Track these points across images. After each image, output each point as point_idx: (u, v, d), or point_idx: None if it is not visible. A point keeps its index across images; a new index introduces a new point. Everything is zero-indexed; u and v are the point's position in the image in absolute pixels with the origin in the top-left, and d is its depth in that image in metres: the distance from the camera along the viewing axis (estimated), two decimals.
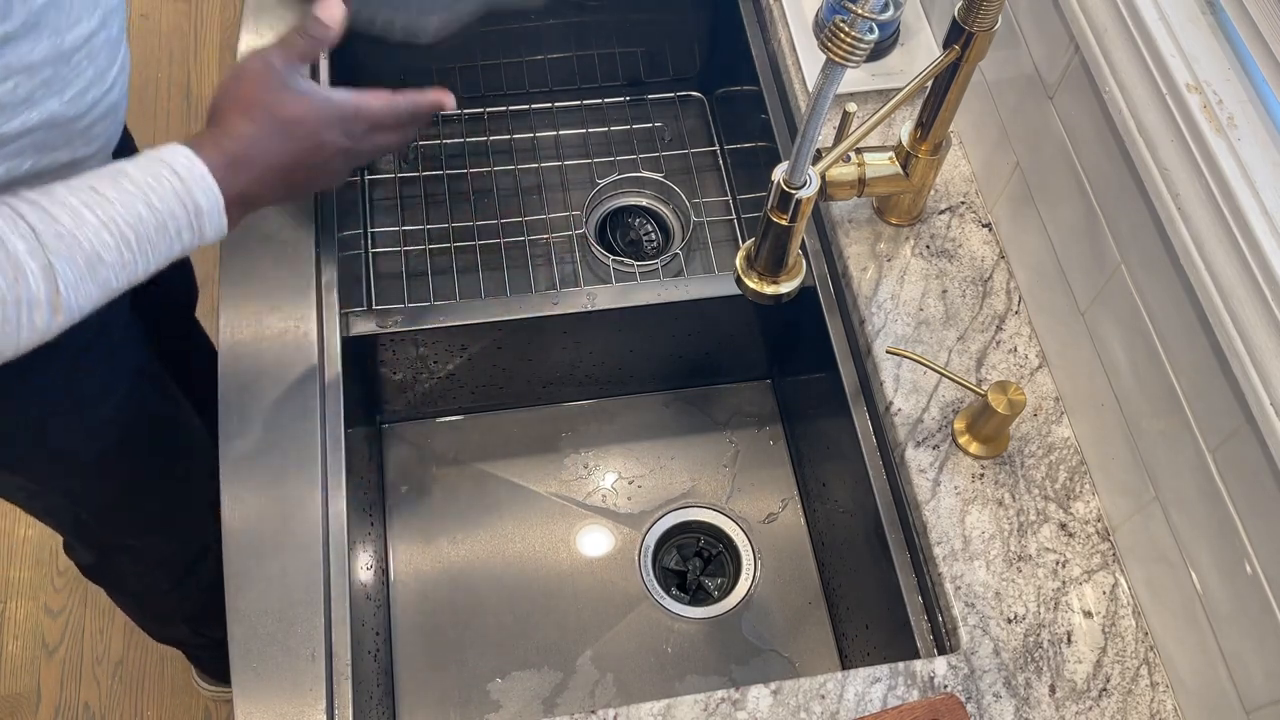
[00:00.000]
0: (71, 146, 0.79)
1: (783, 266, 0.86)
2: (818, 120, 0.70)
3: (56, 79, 0.74)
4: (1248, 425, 0.72)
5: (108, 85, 0.80)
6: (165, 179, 0.71)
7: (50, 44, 0.72)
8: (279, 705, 0.81)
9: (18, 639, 1.68)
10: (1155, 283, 0.81)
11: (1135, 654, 0.87)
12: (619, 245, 1.35)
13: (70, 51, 0.75)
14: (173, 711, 1.64)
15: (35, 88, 0.73)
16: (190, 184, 0.72)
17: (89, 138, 0.81)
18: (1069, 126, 0.91)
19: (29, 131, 0.74)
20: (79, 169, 0.80)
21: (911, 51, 1.17)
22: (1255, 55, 0.74)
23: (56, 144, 0.77)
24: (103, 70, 0.79)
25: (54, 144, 0.77)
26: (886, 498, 0.98)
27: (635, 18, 1.38)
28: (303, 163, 0.80)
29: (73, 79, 0.76)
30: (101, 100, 0.80)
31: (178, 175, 0.72)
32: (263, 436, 0.92)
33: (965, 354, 0.99)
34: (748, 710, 0.84)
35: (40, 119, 0.74)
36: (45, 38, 0.72)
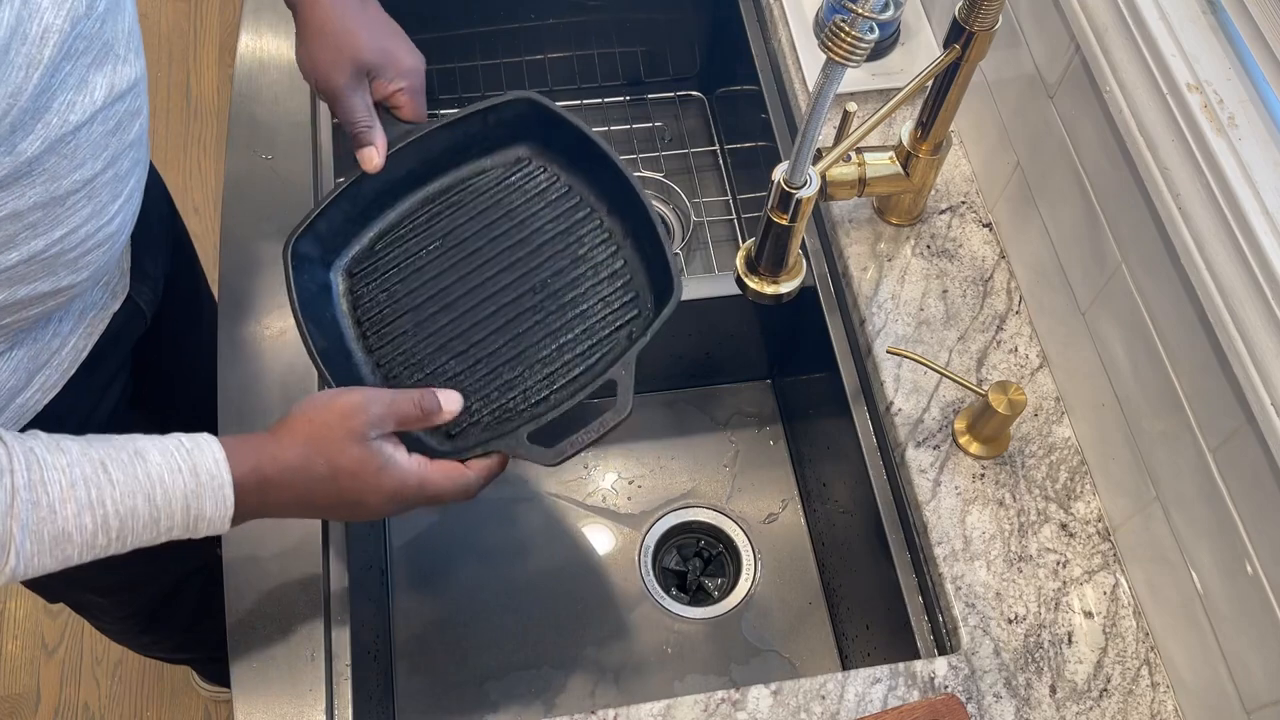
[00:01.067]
0: (56, 277, 0.74)
1: (783, 266, 0.86)
2: (818, 120, 0.70)
3: (45, 221, 0.69)
4: (1248, 425, 0.72)
5: (107, 219, 0.75)
6: (180, 477, 0.67)
7: (43, 190, 0.67)
8: (279, 706, 0.81)
9: (17, 639, 1.68)
10: (1156, 283, 0.81)
11: (1136, 654, 0.87)
12: None
13: (66, 195, 0.69)
14: (172, 712, 1.64)
15: (19, 230, 0.67)
16: (204, 492, 0.67)
17: (77, 267, 0.75)
18: (1069, 126, 0.91)
19: (6, 269, 0.69)
20: (64, 295, 0.76)
21: (912, 51, 1.17)
22: (1256, 55, 0.74)
23: (37, 276, 0.72)
24: (103, 206, 0.74)
25: (34, 276, 0.71)
26: (887, 498, 0.98)
27: (635, 18, 1.38)
28: (335, 508, 0.75)
29: (66, 218, 0.71)
30: (97, 233, 0.75)
31: (196, 477, 0.67)
32: None
33: (966, 354, 0.99)
34: (748, 710, 0.84)
35: (20, 258, 0.69)
36: (38, 185, 0.66)
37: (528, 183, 0.92)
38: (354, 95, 0.85)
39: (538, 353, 0.87)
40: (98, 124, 0.69)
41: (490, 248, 0.90)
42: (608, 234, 0.90)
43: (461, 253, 0.90)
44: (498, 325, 0.87)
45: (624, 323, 0.88)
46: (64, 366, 0.85)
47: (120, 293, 0.90)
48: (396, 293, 0.88)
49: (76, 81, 0.67)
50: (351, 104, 0.85)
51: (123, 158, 0.74)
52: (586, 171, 0.92)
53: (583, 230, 0.90)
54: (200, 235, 2.04)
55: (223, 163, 1.02)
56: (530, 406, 0.85)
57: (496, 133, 0.92)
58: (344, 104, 0.85)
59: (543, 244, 0.90)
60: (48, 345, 0.83)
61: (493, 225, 0.91)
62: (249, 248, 1.01)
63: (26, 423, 0.84)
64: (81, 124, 0.68)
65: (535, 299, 0.88)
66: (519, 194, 0.92)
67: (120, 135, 0.73)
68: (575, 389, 0.85)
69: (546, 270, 0.89)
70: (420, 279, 0.88)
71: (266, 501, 0.71)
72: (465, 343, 0.86)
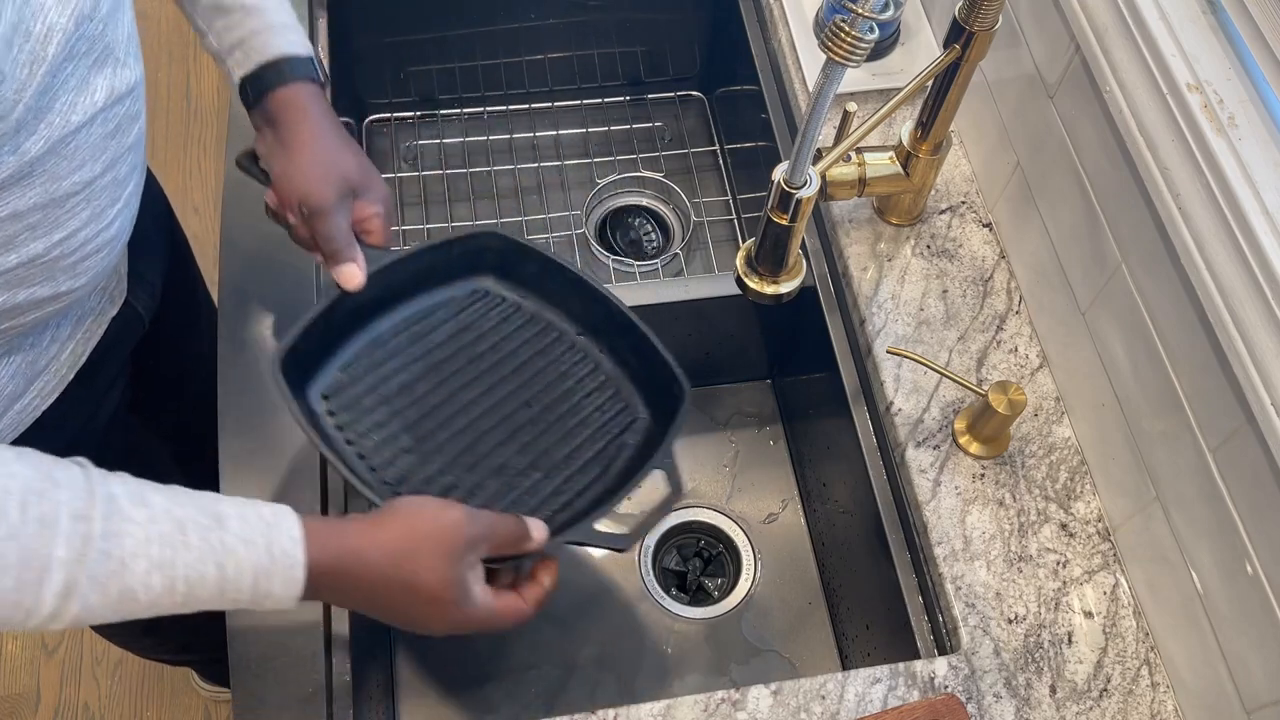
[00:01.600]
0: (55, 282, 0.74)
1: (783, 266, 0.86)
2: (818, 120, 0.70)
3: (45, 223, 0.69)
4: (1248, 425, 0.72)
5: (106, 223, 0.75)
6: (254, 551, 0.65)
7: (43, 191, 0.67)
8: (279, 706, 0.81)
9: (17, 639, 1.68)
10: (1156, 283, 0.81)
11: (1136, 654, 0.87)
12: (619, 245, 1.35)
13: (65, 197, 0.69)
14: (172, 712, 1.64)
15: (18, 231, 0.68)
16: (275, 570, 0.66)
17: (76, 273, 0.75)
18: (1069, 126, 0.91)
19: (5, 271, 0.69)
20: (62, 300, 0.76)
21: (912, 51, 1.17)
22: (1256, 55, 0.74)
23: (36, 279, 0.72)
24: (101, 210, 0.74)
25: (33, 280, 0.72)
26: (887, 498, 0.98)
27: (635, 18, 1.38)
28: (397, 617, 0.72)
29: (65, 221, 0.71)
30: (96, 238, 0.75)
31: (270, 554, 0.65)
32: (262, 437, 0.92)
33: (966, 354, 0.99)
34: (748, 710, 0.84)
35: (19, 261, 0.69)
36: (38, 185, 0.67)
37: (492, 310, 0.94)
38: (339, 213, 0.83)
39: (551, 458, 0.88)
40: (97, 125, 0.70)
41: (472, 368, 0.91)
42: (582, 353, 0.94)
43: (444, 373, 0.90)
44: (501, 438, 0.88)
45: (625, 427, 0.92)
46: (62, 372, 0.85)
47: (118, 298, 0.90)
48: (385, 414, 0.87)
49: (78, 82, 0.67)
50: (336, 221, 0.83)
51: (121, 161, 0.74)
52: (553, 295, 0.94)
53: (557, 351, 0.94)
54: (200, 235, 2.05)
55: (223, 163, 1.02)
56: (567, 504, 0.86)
57: (460, 263, 0.93)
58: (330, 221, 0.82)
59: (521, 364, 0.92)
60: (45, 351, 0.83)
61: (469, 348, 0.92)
62: (249, 248, 1.01)
63: (25, 429, 0.84)
64: (82, 125, 0.68)
65: (531, 412, 0.90)
66: (487, 320, 0.94)
67: (119, 138, 0.73)
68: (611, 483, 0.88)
69: (534, 386, 0.91)
70: (407, 399, 0.88)
71: (336, 589, 0.69)
72: (474, 455, 0.86)
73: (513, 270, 0.94)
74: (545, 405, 0.90)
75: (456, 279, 0.94)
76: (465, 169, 1.38)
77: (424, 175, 1.37)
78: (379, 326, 0.90)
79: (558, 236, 1.33)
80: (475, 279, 0.95)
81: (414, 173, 1.37)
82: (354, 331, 0.89)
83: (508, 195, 1.37)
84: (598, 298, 0.92)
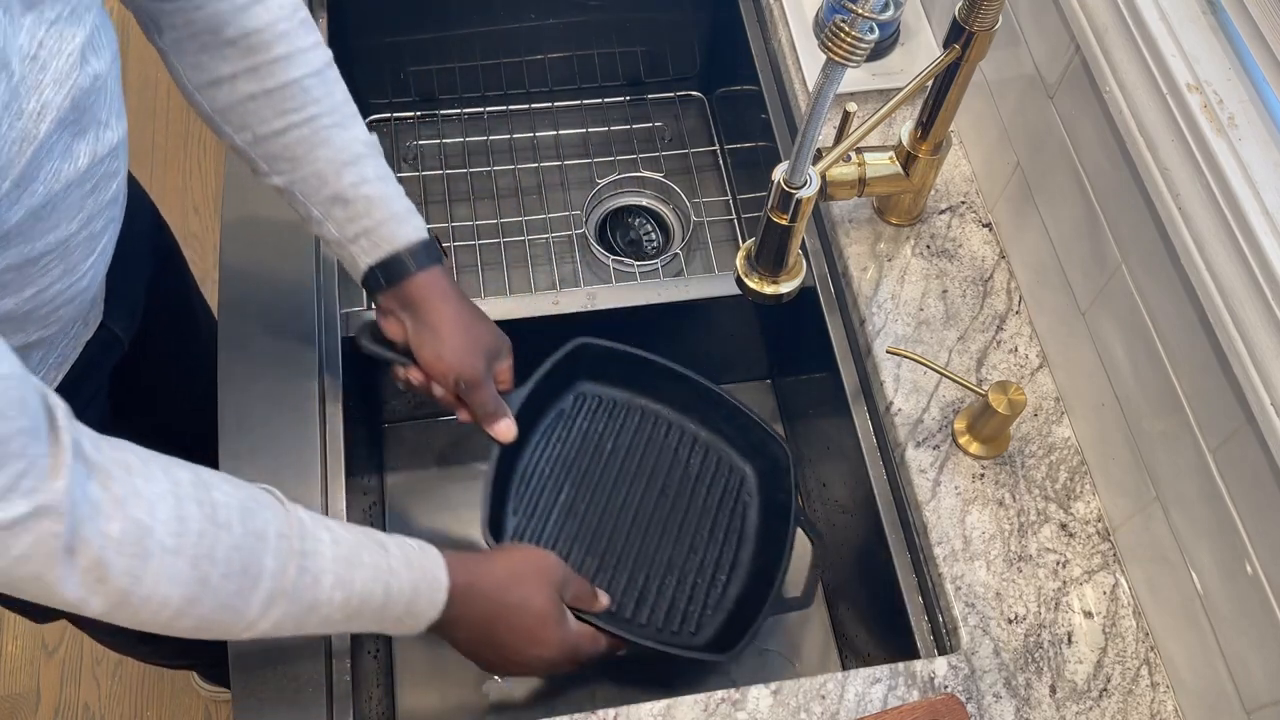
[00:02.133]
0: (25, 332, 0.74)
1: (783, 266, 0.86)
2: (818, 120, 0.70)
3: (17, 280, 0.69)
4: (1248, 425, 0.72)
5: (78, 275, 0.75)
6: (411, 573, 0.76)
7: (18, 253, 0.67)
8: (279, 706, 0.81)
9: (17, 639, 1.68)
10: (1156, 283, 0.81)
11: (1136, 654, 0.87)
12: (619, 245, 1.35)
13: (40, 256, 0.69)
14: (173, 712, 1.64)
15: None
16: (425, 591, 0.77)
17: (47, 322, 0.75)
18: (1069, 126, 0.91)
19: None
20: (32, 346, 0.76)
21: (912, 51, 1.17)
22: (1255, 55, 0.74)
23: (5, 332, 0.70)
24: (75, 264, 0.73)
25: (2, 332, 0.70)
26: (886, 498, 0.98)
27: (635, 18, 1.38)
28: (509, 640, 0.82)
29: (37, 278, 0.71)
30: (68, 289, 0.75)
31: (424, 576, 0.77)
32: (262, 436, 0.92)
33: (965, 354, 0.99)
34: (748, 710, 0.84)
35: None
36: (13, 248, 0.66)
37: (598, 411, 1.08)
38: (489, 381, 0.92)
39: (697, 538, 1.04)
40: (75, 187, 0.69)
41: (606, 473, 1.06)
42: (680, 430, 1.09)
43: (589, 485, 1.05)
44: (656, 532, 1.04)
45: (739, 486, 1.07)
46: None
47: (93, 321, 0.89)
48: (560, 541, 1.01)
49: (62, 150, 0.66)
50: (489, 390, 0.92)
51: (98, 217, 0.74)
52: (643, 384, 1.09)
53: (661, 434, 1.09)
54: (200, 235, 2.05)
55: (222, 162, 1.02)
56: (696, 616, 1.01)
57: (560, 378, 1.05)
58: (482, 391, 0.91)
59: (641, 456, 1.07)
60: None
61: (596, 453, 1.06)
62: (249, 247, 1.01)
63: None
64: (62, 190, 0.67)
65: (667, 499, 1.05)
66: (597, 423, 1.08)
67: (97, 196, 0.72)
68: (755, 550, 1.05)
69: (660, 474, 1.06)
70: (574, 522, 1.03)
71: (464, 612, 0.79)
72: (644, 556, 1.02)
73: (604, 371, 1.08)
74: (675, 490, 1.06)
75: (560, 392, 1.07)
76: (465, 169, 1.38)
77: (424, 175, 1.37)
78: (521, 463, 1.03)
79: (558, 236, 1.33)
80: (574, 386, 1.08)
81: (414, 173, 1.37)
82: (508, 476, 1.02)
83: (508, 195, 1.37)
84: (682, 378, 1.06)
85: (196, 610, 0.65)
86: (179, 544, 0.63)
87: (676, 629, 1.01)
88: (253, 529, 0.67)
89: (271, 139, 0.83)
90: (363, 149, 0.86)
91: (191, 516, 0.64)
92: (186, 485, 0.65)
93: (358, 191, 0.85)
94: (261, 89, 0.81)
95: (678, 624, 1.01)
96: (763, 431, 1.05)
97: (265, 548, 0.67)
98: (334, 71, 0.85)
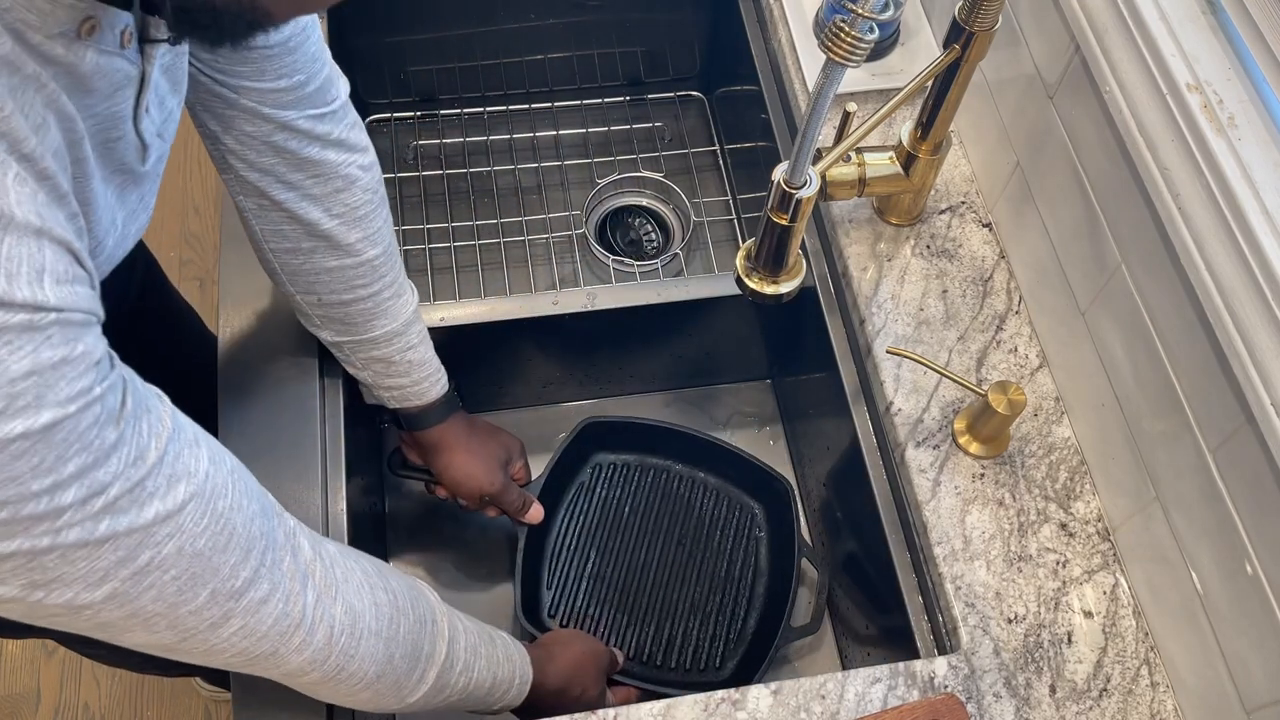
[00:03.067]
0: None
1: (783, 266, 0.86)
2: (818, 120, 0.70)
3: None
4: (1248, 425, 0.72)
5: None
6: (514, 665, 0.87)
7: None
8: (279, 706, 0.81)
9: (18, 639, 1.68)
10: (1155, 283, 0.81)
11: (1136, 654, 0.87)
12: (619, 245, 1.35)
13: None
14: (173, 712, 1.64)
15: None
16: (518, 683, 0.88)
17: None
18: (1069, 126, 0.91)
19: None
20: None
21: (912, 51, 1.17)
22: (1255, 55, 0.74)
23: None
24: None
25: None
26: (886, 498, 0.98)
27: (635, 18, 1.38)
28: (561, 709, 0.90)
29: None
30: None
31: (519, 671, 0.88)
32: (263, 436, 0.92)
33: (965, 354, 0.99)
34: (748, 710, 0.84)
35: None
36: None
37: (614, 478, 1.19)
38: (511, 486, 1.06)
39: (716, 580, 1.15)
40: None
41: (628, 535, 1.16)
42: (689, 479, 1.20)
43: (614, 550, 1.16)
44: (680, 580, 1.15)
45: (750, 523, 1.18)
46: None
47: None
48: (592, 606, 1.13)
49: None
50: (511, 493, 1.06)
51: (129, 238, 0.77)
52: (650, 446, 1.19)
53: (674, 487, 1.19)
54: (200, 235, 2.05)
55: None
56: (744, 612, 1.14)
57: (575, 455, 1.17)
58: (507, 496, 1.05)
59: (658, 512, 1.18)
60: None
61: (616, 518, 1.17)
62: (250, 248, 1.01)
63: None
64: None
65: (685, 548, 1.16)
66: (614, 489, 1.19)
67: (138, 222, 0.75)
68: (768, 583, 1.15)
69: (676, 525, 1.17)
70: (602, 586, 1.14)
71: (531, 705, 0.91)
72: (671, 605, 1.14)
73: (614, 440, 1.19)
74: (691, 536, 1.16)
75: (579, 466, 1.19)
76: (465, 169, 1.38)
77: (424, 175, 1.37)
78: (550, 540, 1.15)
79: (558, 236, 1.33)
80: (590, 459, 1.19)
81: (414, 173, 1.37)
82: (540, 553, 1.14)
83: (508, 195, 1.37)
84: (683, 434, 1.17)
85: (377, 686, 0.73)
86: (378, 627, 0.71)
87: (703, 667, 1.10)
88: (419, 615, 0.76)
89: (336, 306, 0.90)
90: (412, 314, 0.94)
91: (384, 603, 0.73)
92: (373, 574, 0.73)
93: (403, 356, 0.94)
94: (338, 265, 0.87)
95: (704, 663, 1.10)
96: (764, 471, 1.15)
97: (426, 632, 0.77)
98: (394, 239, 0.92)
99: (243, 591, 0.61)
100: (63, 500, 0.50)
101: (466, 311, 1.08)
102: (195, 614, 0.59)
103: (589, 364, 1.22)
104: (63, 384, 0.49)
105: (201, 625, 0.60)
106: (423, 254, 1.30)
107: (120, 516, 0.53)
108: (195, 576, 0.58)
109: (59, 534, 0.50)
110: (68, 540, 0.51)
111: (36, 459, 0.48)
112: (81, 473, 0.50)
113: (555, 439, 1.21)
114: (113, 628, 0.57)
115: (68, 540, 0.51)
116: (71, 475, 0.50)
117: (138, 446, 0.54)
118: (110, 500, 0.52)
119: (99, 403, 0.51)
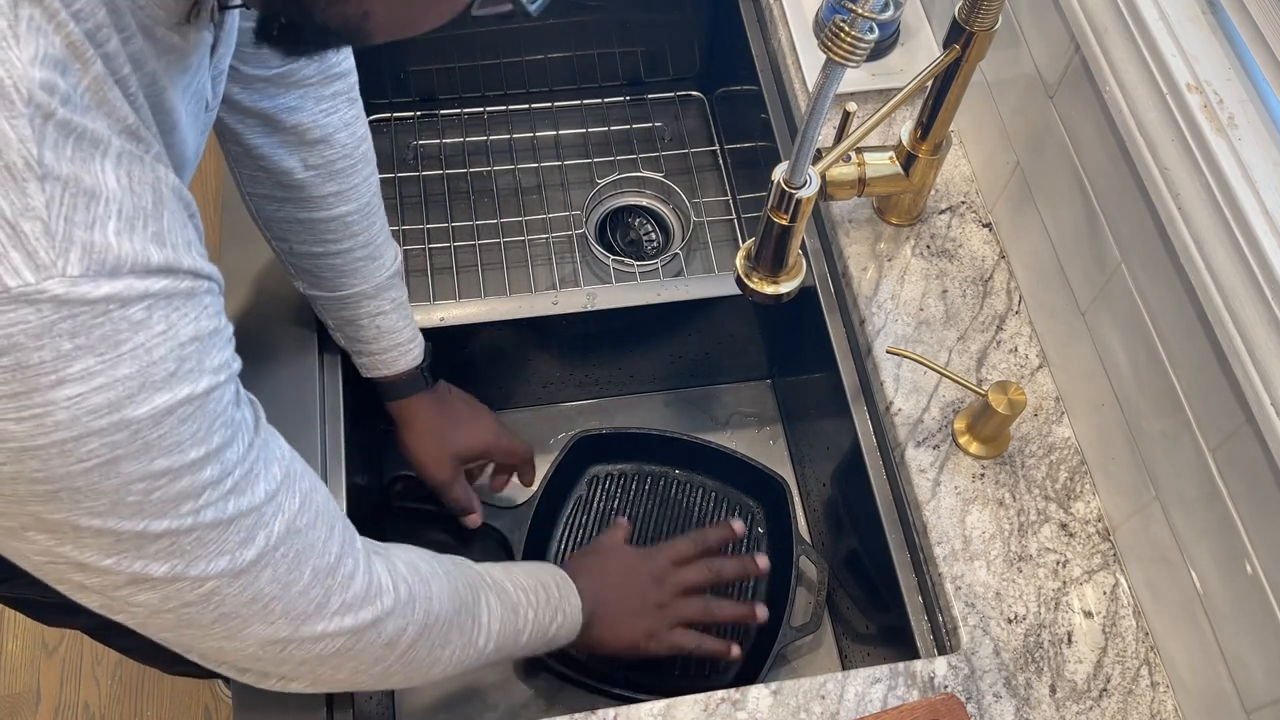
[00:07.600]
0: None
1: (783, 266, 0.86)
2: (818, 120, 0.70)
3: None
4: (1248, 425, 0.72)
5: None
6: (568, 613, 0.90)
7: None
8: (279, 706, 0.81)
9: (18, 639, 1.68)
10: (1155, 283, 0.81)
11: (1136, 654, 0.87)
12: (619, 245, 1.35)
13: None
14: (172, 711, 1.64)
15: None
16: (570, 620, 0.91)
17: None
18: (1069, 126, 0.91)
19: None
20: None
21: (912, 51, 1.17)
22: (1255, 55, 0.74)
23: None
24: None
25: None
26: (886, 498, 0.98)
27: (635, 18, 1.38)
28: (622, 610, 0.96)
29: None
30: None
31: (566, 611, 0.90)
32: None
33: (965, 354, 0.99)
34: (748, 710, 0.84)
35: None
36: None
37: (613, 488, 1.18)
38: (456, 485, 1.04)
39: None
40: None
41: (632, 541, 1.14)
42: (688, 483, 1.19)
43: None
44: None
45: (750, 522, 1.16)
46: None
47: None
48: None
49: None
50: (455, 493, 1.04)
51: None
52: (646, 453, 1.19)
53: (673, 492, 1.19)
54: None
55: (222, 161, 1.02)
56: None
57: (572, 467, 1.16)
58: (450, 491, 1.04)
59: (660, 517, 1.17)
60: None
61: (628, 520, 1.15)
62: (249, 248, 1.01)
63: None
64: None
65: None
66: (615, 499, 1.18)
67: None
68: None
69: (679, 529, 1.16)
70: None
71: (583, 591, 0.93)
72: None
73: (608, 451, 1.18)
74: None
75: (574, 480, 1.18)
76: (465, 169, 1.38)
77: (424, 175, 1.37)
78: (548, 559, 1.14)
79: (558, 236, 1.33)
80: (586, 472, 1.18)
81: (414, 173, 1.37)
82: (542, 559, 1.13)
83: (508, 195, 1.37)
84: (677, 440, 1.17)
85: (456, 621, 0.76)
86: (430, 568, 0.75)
87: (708, 672, 1.09)
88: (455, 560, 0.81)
89: (306, 257, 0.90)
90: (386, 279, 0.92)
91: (422, 552, 0.77)
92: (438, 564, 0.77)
93: (372, 321, 0.93)
94: (308, 217, 0.87)
95: (709, 667, 1.09)
96: (761, 472, 1.15)
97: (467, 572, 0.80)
98: (379, 199, 0.91)
99: (335, 568, 0.63)
100: (204, 476, 0.51)
101: (466, 311, 1.08)
102: (303, 594, 0.61)
103: (589, 364, 1.22)
104: (214, 352, 0.50)
105: (310, 607, 0.61)
106: (423, 254, 1.30)
107: (241, 497, 0.54)
108: (299, 554, 0.59)
109: (199, 513, 0.52)
110: (205, 520, 0.52)
111: (194, 425, 0.49)
112: (221, 448, 0.51)
113: (555, 439, 1.22)
114: (234, 619, 0.58)
115: (205, 520, 0.52)
116: (216, 448, 0.51)
117: (247, 426, 0.55)
118: (236, 480, 0.53)
119: (236, 377, 0.53)
